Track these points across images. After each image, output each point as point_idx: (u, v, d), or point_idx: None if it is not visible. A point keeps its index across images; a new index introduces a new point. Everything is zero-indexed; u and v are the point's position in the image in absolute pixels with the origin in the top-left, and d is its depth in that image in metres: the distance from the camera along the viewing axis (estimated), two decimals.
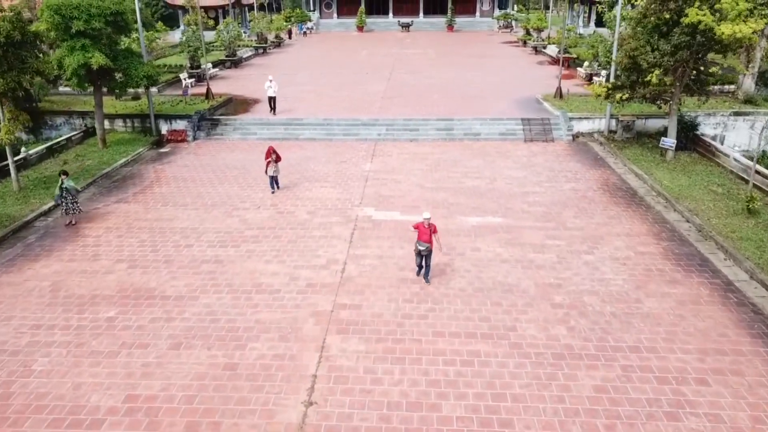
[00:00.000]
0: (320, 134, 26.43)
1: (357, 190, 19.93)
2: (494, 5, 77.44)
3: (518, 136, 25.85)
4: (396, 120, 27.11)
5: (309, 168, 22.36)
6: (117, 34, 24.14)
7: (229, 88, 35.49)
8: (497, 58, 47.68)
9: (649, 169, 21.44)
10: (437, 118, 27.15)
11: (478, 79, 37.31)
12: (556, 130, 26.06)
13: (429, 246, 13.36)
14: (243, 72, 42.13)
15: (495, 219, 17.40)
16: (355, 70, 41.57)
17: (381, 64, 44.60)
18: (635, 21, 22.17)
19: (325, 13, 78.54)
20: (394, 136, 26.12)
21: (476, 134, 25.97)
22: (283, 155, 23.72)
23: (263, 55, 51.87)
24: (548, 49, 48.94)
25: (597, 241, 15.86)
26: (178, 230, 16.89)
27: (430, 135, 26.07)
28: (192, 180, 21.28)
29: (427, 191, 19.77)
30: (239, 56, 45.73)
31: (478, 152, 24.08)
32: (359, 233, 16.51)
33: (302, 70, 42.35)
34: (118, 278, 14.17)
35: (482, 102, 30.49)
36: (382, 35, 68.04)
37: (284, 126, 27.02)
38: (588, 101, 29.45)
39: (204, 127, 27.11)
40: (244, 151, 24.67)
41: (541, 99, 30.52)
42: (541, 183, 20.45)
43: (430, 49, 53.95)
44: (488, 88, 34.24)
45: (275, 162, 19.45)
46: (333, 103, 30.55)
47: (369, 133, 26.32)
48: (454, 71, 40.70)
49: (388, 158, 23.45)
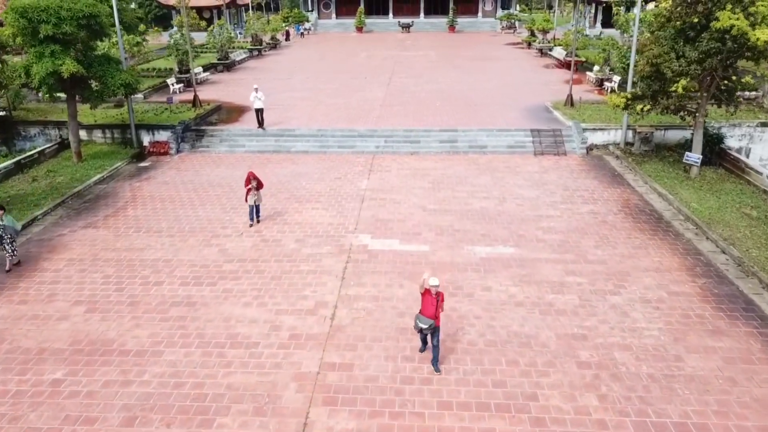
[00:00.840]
0: (314, 147, 24.48)
1: (352, 213, 18.00)
2: (497, 5, 75.48)
3: (528, 149, 23.90)
4: (395, 131, 25.17)
5: (300, 186, 20.42)
6: (92, 39, 22.20)
7: (219, 94, 33.55)
8: (502, 60, 45.73)
9: (673, 188, 19.49)
10: (440, 128, 25.20)
11: (483, 84, 35.36)
12: (569, 143, 24.10)
13: (433, 323, 10.28)
14: (235, 76, 40.18)
15: (506, 249, 15.45)
16: (352, 74, 39.62)
17: (380, 67, 42.66)
18: (658, 25, 20.22)
19: (323, 13, 76.61)
20: (394, 148, 24.17)
21: (482, 147, 24.03)
22: (273, 171, 21.91)
23: (258, 57, 49.93)
24: (555, 52, 46.98)
25: (623, 278, 13.92)
26: (148, 263, 14.96)
27: (432, 148, 24.12)
28: (171, 200, 19.34)
29: (429, 214, 17.83)
30: (232, 59, 43.81)
31: (484, 167, 22.13)
32: (353, 267, 14.57)
33: (297, 74, 40.41)
34: (73, 326, 12.24)
35: (488, 110, 28.54)
36: (382, 36, 66.10)
37: (275, 138, 25.08)
38: (601, 110, 27.50)
39: (188, 138, 25.17)
40: (231, 166, 22.72)
41: (550, 107, 28.56)
42: (556, 205, 18.51)
43: (431, 50, 52.01)
44: (494, 95, 32.28)
45: (256, 189, 16.89)
46: (328, 112, 28.60)
47: (366, 146, 24.37)
48: (457, 75, 38.74)
49: (387, 174, 21.52)
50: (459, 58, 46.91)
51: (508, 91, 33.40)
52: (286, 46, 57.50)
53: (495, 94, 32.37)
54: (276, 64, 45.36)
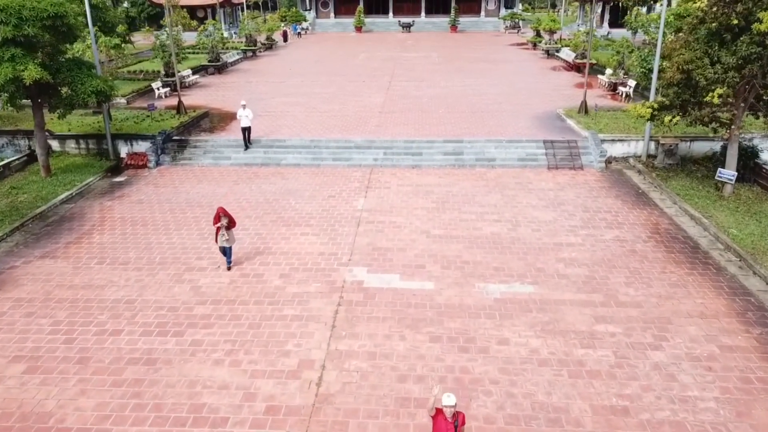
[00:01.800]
0: (306, 159, 22.36)
1: (346, 240, 15.89)
2: (500, 5, 73.36)
3: (540, 162, 21.78)
4: (395, 142, 23.05)
5: (289, 206, 18.30)
6: (60, 42, 20.07)
7: (207, 99, 31.43)
8: (507, 62, 43.60)
9: (706, 209, 17.39)
10: (444, 139, 23.08)
11: (489, 89, 33.23)
12: (586, 155, 21.99)
13: None
14: (227, 79, 38.05)
15: (524, 288, 13.35)
16: (350, 77, 37.50)
17: (379, 69, 40.53)
18: (689, 26, 18.11)
19: (321, 12, 74.51)
20: (394, 161, 22.06)
21: (491, 160, 21.91)
22: (260, 187, 19.80)
23: (252, 58, 47.80)
24: (562, 53, 44.86)
25: (664, 327, 11.81)
26: (108, 304, 12.85)
27: (435, 161, 22.01)
28: (143, 223, 17.23)
29: (434, 241, 15.72)
30: (224, 61, 41.68)
31: (494, 184, 20.03)
32: (346, 311, 12.47)
33: (292, 77, 38.26)
34: (6, 392, 10.14)
35: (495, 118, 26.41)
36: (382, 36, 63.97)
37: (264, 149, 22.96)
38: (618, 118, 25.39)
39: (169, 149, 23.06)
40: (214, 182, 20.61)
41: (563, 114, 26.44)
42: (576, 230, 16.40)
43: (433, 52, 49.89)
44: (501, 101, 30.16)
45: (227, 228, 13.97)
46: (323, 120, 26.47)
47: (364, 158, 22.26)
48: (460, 79, 36.61)
49: (386, 191, 19.41)
50: (462, 60, 44.79)
51: (516, 96, 31.28)
52: (282, 47, 55.37)
53: (502, 100, 30.25)
54: (270, 66, 43.23)
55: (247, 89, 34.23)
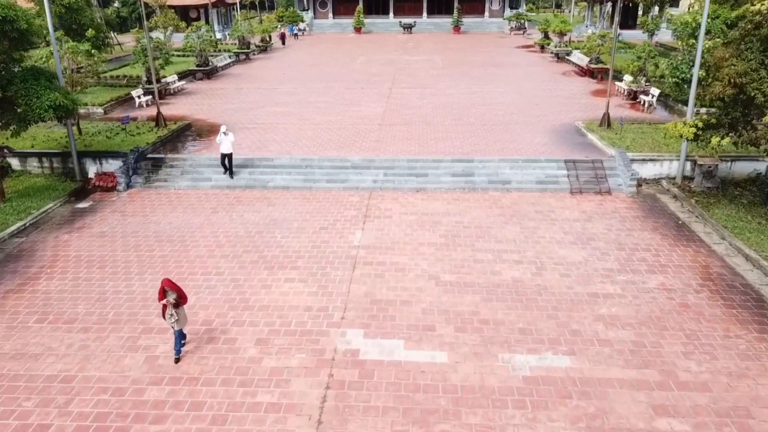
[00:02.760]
0: (296, 181, 19.77)
1: (339, 288, 13.31)
2: (504, 5, 70.80)
3: (562, 185, 19.18)
4: (397, 161, 20.45)
5: (273, 241, 15.71)
6: (13, 50, 17.50)
7: (192, 109, 28.83)
8: (515, 67, 40.98)
9: (762, 247, 14.79)
10: (452, 158, 20.47)
11: (498, 97, 30.63)
12: (613, 177, 19.39)
13: None
14: (216, 85, 35.44)
15: (559, 360, 10.76)
16: (348, 83, 34.89)
17: (379, 74, 37.92)
18: (743, 33, 15.53)
19: (319, 12, 71.93)
20: (395, 183, 19.46)
21: (505, 183, 19.31)
22: (242, 216, 17.19)
23: (245, 62, 45.18)
24: (573, 57, 42.26)
25: (743, 423, 9.22)
26: (39, 383, 10.27)
27: (443, 183, 19.41)
28: (101, 264, 14.64)
29: (444, 290, 13.14)
30: (214, 65, 39.07)
31: (510, 212, 17.43)
32: (335, 398, 9.87)
33: (285, 82, 35.65)
34: None
35: (508, 132, 23.80)
36: (382, 38, 61.37)
37: (249, 169, 20.36)
38: (645, 132, 22.80)
39: (142, 169, 20.46)
40: (190, 209, 18.03)
41: (583, 128, 23.83)
42: (613, 275, 13.81)
43: (436, 55, 47.28)
44: (512, 110, 27.56)
45: (175, 306, 10.50)
46: (317, 133, 23.86)
47: (361, 180, 19.67)
48: (466, 85, 34.00)
49: (387, 222, 16.82)
50: (467, 64, 42.17)
51: (529, 105, 28.66)
52: (277, 49, 52.72)
53: (514, 110, 27.64)
54: (263, 71, 40.61)
55: (236, 97, 31.64)
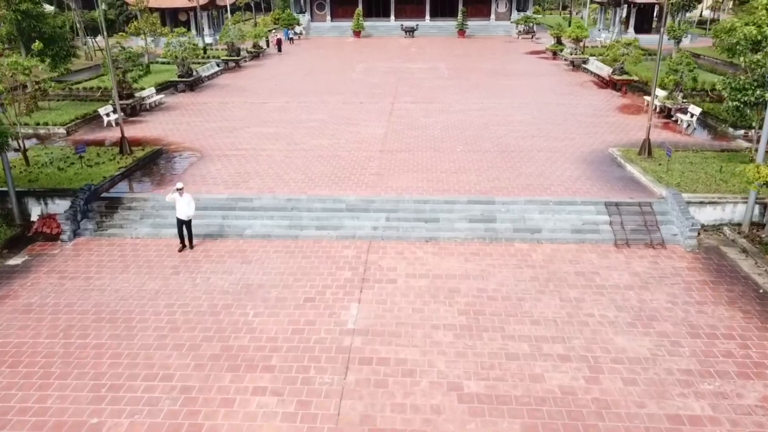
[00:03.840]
0: (279, 227, 16.26)
1: (326, 407, 9.80)
2: (511, 7, 67.25)
3: (604, 234, 15.68)
4: (402, 201, 16.94)
5: (242, 321, 12.19)
6: None
7: (167, 128, 25.33)
8: (528, 77, 37.46)
9: None
10: (468, 199, 16.95)
11: (514, 114, 27.13)
12: (666, 225, 15.89)
13: None
14: (199, 98, 31.93)
15: None
16: (345, 97, 31.40)
17: (380, 86, 34.42)
18: None
19: (317, 15, 68.42)
20: (400, 231, 15.97)
21: (534, 231, 15.81)
22: (206, 280, 13.50)
23: (234, 70, 41.65)
24: (591, 65, 38.77)
25: None
26: None
27: (458, 231, 15.91)
28: (14, 361, 11.11)
29: (471, 412, 9.62)
30: (198, 75, 35.54)
31: (545, 274, 13.93)
32: None
33: (276, 95, 32.15)
34: None
35: (531, 161, 20.30)
36: (383, 42, 57.90)
37: (222, 212, 16.86)
38: (693, 163, 19.32)
39: (95, 212, 16.96)
40: (146, 268, 14.52)
41: (619, 157, 20.33)
42: (694, 381, 10.30)
43: (440, 62, 43.80)
44: (533, 132, 24.06)
45: None
46: (307, 163, 20.35)
47: (359, 226, 16.18)
48: (477, 99, 30.51)
49: (390, 289, 13.32)
50: (476, 73, 38.66)
51: (550, 125, 25.16)
52: (270, 55, 49.20)
53: (534, 132, 24.14)
54: (252, 81, 37.09)
55: (220, 113, 28.14)
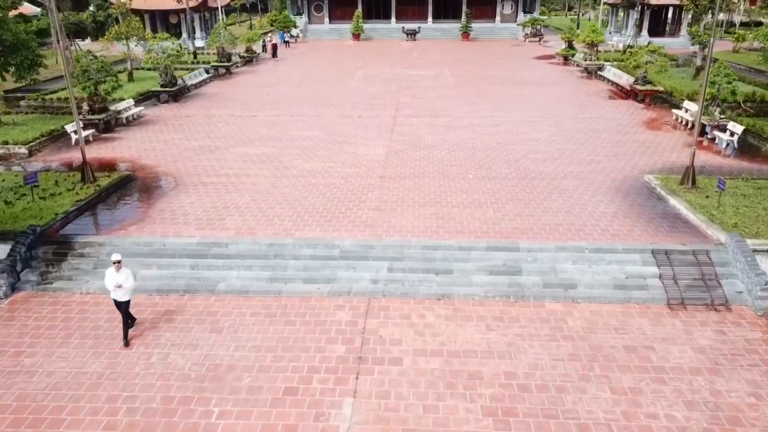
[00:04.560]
0: (259, 280, 13.47)
1: None
2: (517, 8, 64.45)
3: (654, 292, 12.88)
4: (408, 246, 14.15)
5: (200, 425, 9.38)
6: None
7: (141, 149, 22.55)
8: (541, 85, 34.68)
9: None
10: (487, 243, 14.14)
11: (531, 130, 24.35)
12: (728, 279, 13.09)
13: None
14: (182, 110, 29.15)
15: None
16: (342, 109, 28.64)
17: (380, 96, 31.66)
18: None
19: (314, 17, 65.64)
20: (405, 285, 13.18)
21: (569, 285, 13.02)
22: (168, 357, 10.76)
23: (224, 77, 38.87)
24: (608, 72, 35.99)
25: None
26: None
27: (476, 285, 13.11)
28: None
29: None
30: (183, 84, 32.75)
31: (586, 349, 11.14)
32: None
33: (267, 107, 29.39)
34: None
35: (556, 192, 17.50)
36: (383, 45, 55.18)
37: (192, 260, 14.05)
38: (747, 196, 16.53)
39: (40, 260, 14.15)
40: (92, 338, 11.69)
41: (657, 186, 17.54)
42: None
43: (445, 68, 41.05)
44: (554, 153, 21.27)
45: None
46: (296, 194, 17.54)
47: (355, 278, 13.39)
48: (488, 111, 27.75)
49: (394, 374, 10.53)
50: (484, 81, 35.88)
51: (572, 144, 22.38)
52: (265, 60, 46.43)
53: (555, 153, 21.36)
54: (243, 90, 34.31)
55: (203, 129, 25.36)
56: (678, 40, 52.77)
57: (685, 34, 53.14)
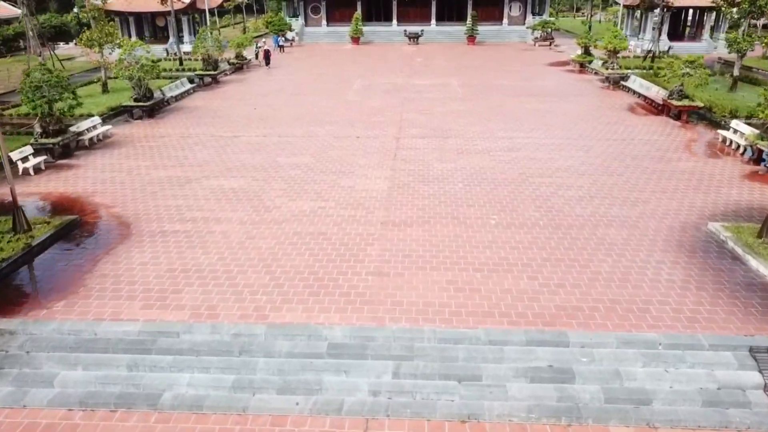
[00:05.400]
0: (218, 387, 9.91)
1: None
2: (526, 10, 60.99)
3: (759, 410, 9.34)
4: (419, 337, 10.59)
5: None
6: None
7: (100, 180, 19.01)
8: (560, 97, 31.16)
9: None
10: (526, 336, 10.59)
11: (556, 156, 20.80)
12: None
13: None
14: (157, 129, 25.63)
15: None
16: (338, 127, 25.13)
17: (381, 111, 28.15)
18: None
19: (311, 19, 62.20)
20: (416, 399, 9.63)
21: (640, 400, 9.47)
22: None
23: (210, 87, 35.35)
24: (633, 83, 32.47)
25: None
26: None
27: (513, 399, 9.56)
28: None
29: None
30: (162, 96, 29.23)
31: None
32: None
33: (253, 124, 25.87)
34: None
35: (602, 248, 13.89)
36: (384, 50, 51.73)
37: (131, 356, 10.50)
38: None
39: None
40: None
41: (728, 238, 13.96)
42: None
43: (452, 76, 37.55)
44: (589, 190, 17.69)
45: None
46: (276, 248, 13.95)
47: (348, 387, 9.84)
48: (504, 131, 24.24)
49: None
50: (495, 92, 32.39)
51: (609, 177, 18.81)
52: (256, 67, 42.96)
53: (590, 188, 17.80)
54: (229, 103, 30.81)
55: (176, 153, 21.85)
56: (700, 45, 49.19)
57: (707, 37, 49.64)
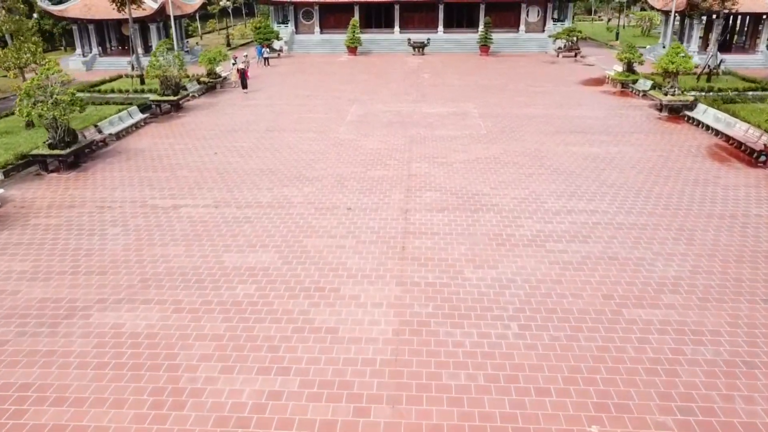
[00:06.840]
0: None
1: None
2: (546, 15, 53.78)
3: None
4: None
5: None
6: None
7: None
8: (611, 136, 23.96)
9: None
10: None
11: (657, 260, 13.39)
12: None
13: None
14: (67, 193, 18.45)
15: None
16: (321, 189, 17.90)
17: (381, 158, 20.96)
18: None
19: (302, 25, 55.03)
20: None
21: None
22: None
23: (167, 117, 28.18)
24: (705, 116, 25.30)
25: None
26: None
27: None
28: None
29: None
30: (86, 141, 22.05)
31: None
32: None
33: (201, 185, 18.60)
34: None
35: None
36: (385, 62, 44.59)
37: None
38: None
39: None
40: None
41: None
42: None
43: (469, 101, 30.46)
44: (734, 336, 10.46)
45: None
46: None
47: None
48: (558, 200, 16.94)
49: None
50: (528, 127, 25.26)
51: (763, 314, 11.61)
52: (231, 89, 35.81)
53: (736, 335, 10.59)
54: (184, 143, 23.65)
55: (75, 246, 14.65)
56: (755, 58, 42.12)
57: (763, 48, 42.54)
